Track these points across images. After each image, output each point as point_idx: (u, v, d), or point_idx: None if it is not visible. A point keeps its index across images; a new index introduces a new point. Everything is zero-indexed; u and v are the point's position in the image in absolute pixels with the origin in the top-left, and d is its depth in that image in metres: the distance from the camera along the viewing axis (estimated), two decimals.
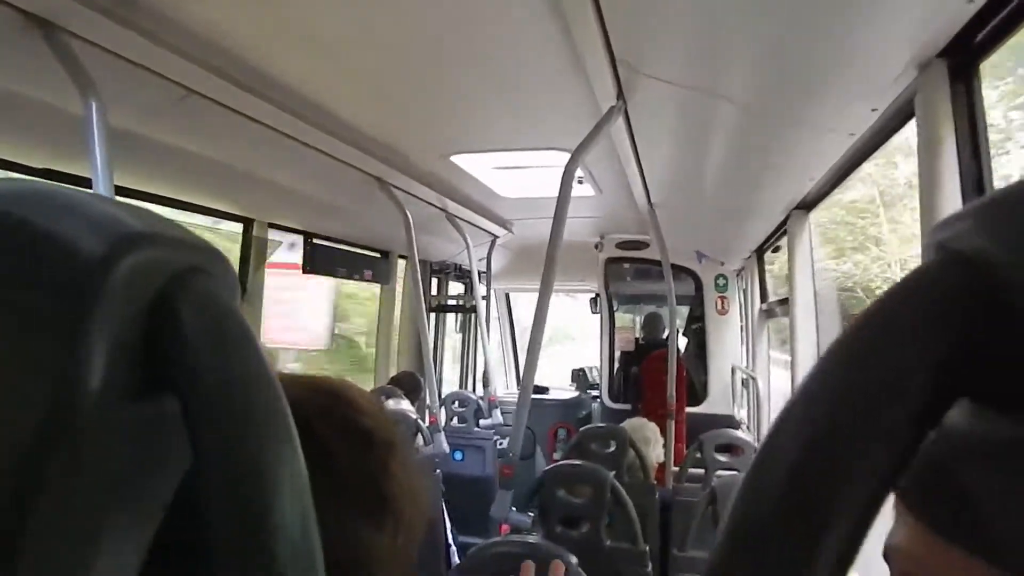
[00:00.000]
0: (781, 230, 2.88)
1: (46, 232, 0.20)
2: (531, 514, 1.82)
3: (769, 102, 1.54)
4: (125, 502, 0.21)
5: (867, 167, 1.98)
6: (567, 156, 1.83)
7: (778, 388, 3.46)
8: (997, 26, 0.99)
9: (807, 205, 2.46)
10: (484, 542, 1.26)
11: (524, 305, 6.08)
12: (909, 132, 1.45)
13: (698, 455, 2.84)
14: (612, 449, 2.53)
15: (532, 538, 1.30)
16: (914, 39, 1.09)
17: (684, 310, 4.56)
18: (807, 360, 2.65)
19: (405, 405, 3.10)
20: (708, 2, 1.21)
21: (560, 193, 1.81)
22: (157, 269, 0.21)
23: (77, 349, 0.19)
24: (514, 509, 1.76)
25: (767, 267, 3.64)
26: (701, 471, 2.67)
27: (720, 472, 2.52)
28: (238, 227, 2.66)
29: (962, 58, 1.09)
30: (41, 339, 0.19)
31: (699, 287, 4.44)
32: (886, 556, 0.47)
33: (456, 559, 2.78)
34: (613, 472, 1.97)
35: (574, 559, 1.22)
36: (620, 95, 1.73)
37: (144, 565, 0.23)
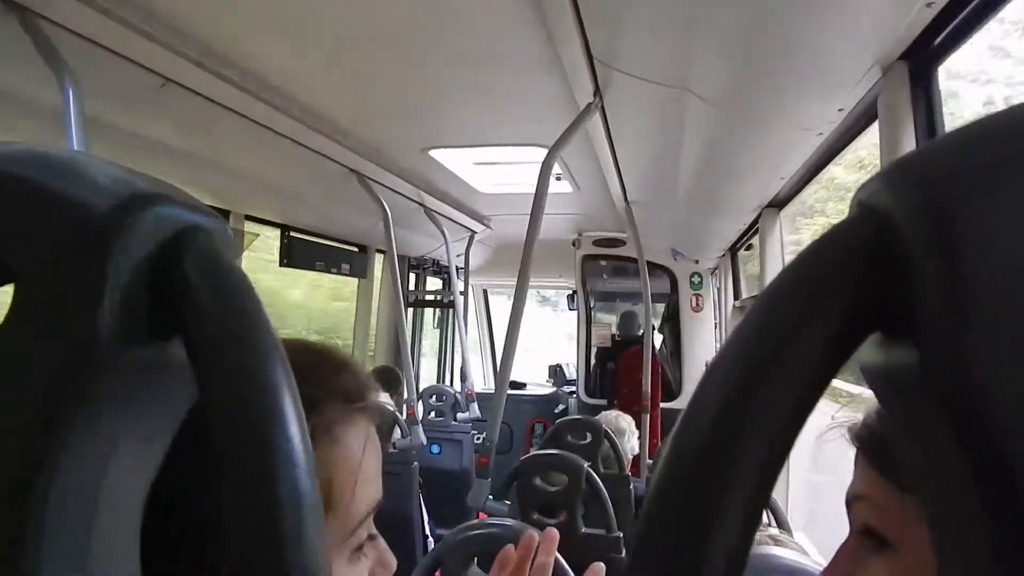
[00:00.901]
0: (754, 228, 2.94)
1: (55, 191, 0.22)
2: (508, 503, 1.84)
3: (740, 100, 1.58)
4: (135, 434, 0.23)
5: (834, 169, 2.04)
6: (545, 152, 1.86)
7: None
8: (955, 29, 1.04)
9: (778, 203, 2.51)
10: (460, 526, 1.29)
11: (502, 305, 6.10)
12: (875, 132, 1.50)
13: None
14: (587, 440, 2.57)
15: (509, 521, 1.32)
16: (877, 41, 1.13)
17: (660, 307, 4.61)
18: None
19: (384, 399, 3.10)
20: (681, 4, 1.24)
21: (537, 189, 1.83)
22: (161, 226, 0.23)
23: (90, 299, 0.21)
24: (491, 498, 1.79)
25: (745, 265, 3.71)
26: None
27: None
28: None
29: (922, 60, 1.14)
30: (56, 291, 0.21)
31: (674, 285, 4.50)
32: (848, 506, 0.50)
33: None
34: (589, 463, 2.00)
35: None
36: (597, 92, 1.76)
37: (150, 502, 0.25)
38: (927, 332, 0.17)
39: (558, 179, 3.03)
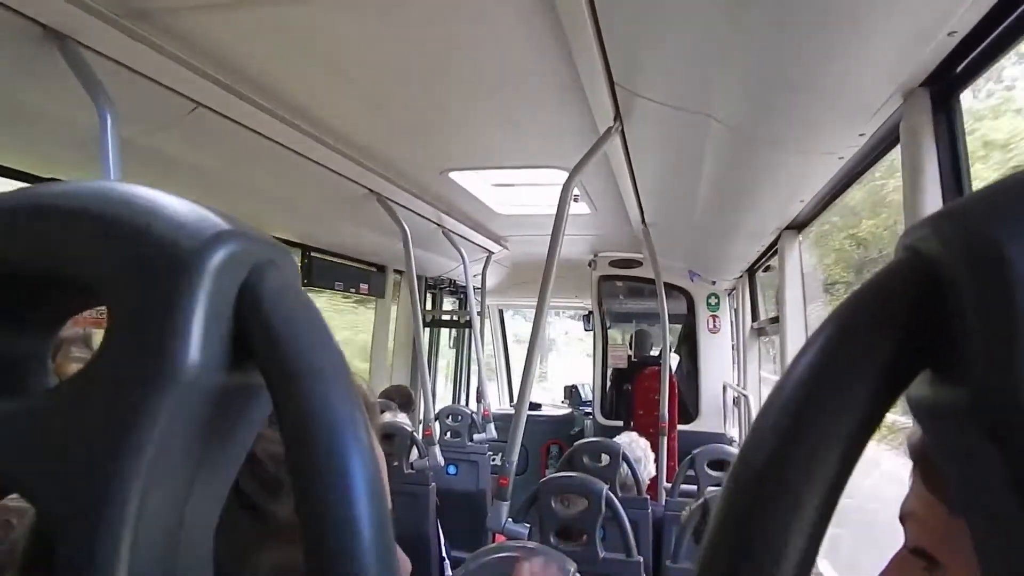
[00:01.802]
0: (772, 250, 2.93)
1: (143, 227, 0.24)
2: (527, 525, 1.83)
3: (760, 126, 1.59)
4: (214, 458, 0.25)
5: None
6: (563, 174, 1.87)
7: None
8: (977, 57, 1.04)
9: (798, 225, 2.51)
10: (482, 548, 1.28)
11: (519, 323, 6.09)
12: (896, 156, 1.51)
13: (690, 471, 2.86)
14: (605, 464, 2.55)
15: (530, 544, 1.32)
16: (899, 69, 1.14)
17: (676, 328, 4.59)
18: None
19: (402, 418, 3.11)
20: (704, 30, 1.25)
21: (557, 211, 1.85)
22: (241, 261, 0.25)
23: (177, 330, 0.23)
24: (510, 520, 1.78)
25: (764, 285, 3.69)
26: (693, 487, 2.69)
27: (711, 488, 2.55)
28: None
29: (944, 87, 1.14)
30: (145, 323, 0.23)
31: (691, 306, 4.48)
32: (902, 520, 0.50)
33: (449, 573, 2.77)
34: (607, 486, 1.99)
35: (573, 565, 1.24)
36: (617, 116, 1.78)
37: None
38: (976, 369, 0.18)
39: (576, 200, 3.04)
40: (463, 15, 1.37)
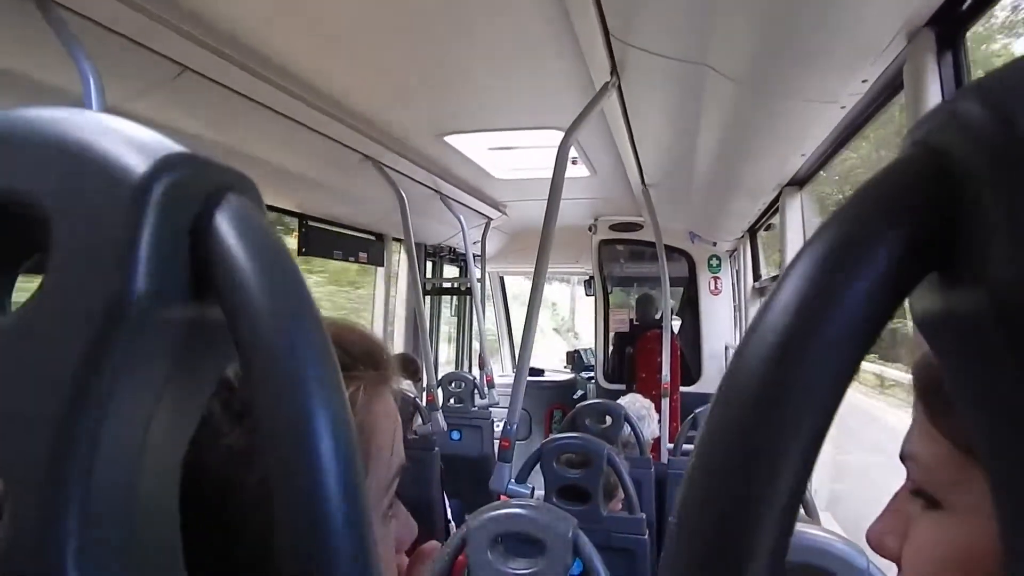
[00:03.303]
0: (773, 208, 2.91)
1: (94, 148, 0.22)
2: (530, 486, 1.85)
3: (760, 74, 1.55)
4: (175, 391, 0.23)
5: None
6: (561, 135, 1.84)
7: None
8: None
9: (799, 182, 2.48)
10: (483, 507, 1.29)
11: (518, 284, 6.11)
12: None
13: (692, 431, 2.88)
14: (607, 424, 2.56)
15: (532, 502, 1.33)
16: (902, 8, 1.10)
17: (678, 291, 4.59)
18: None
19: (406, 385, 3.12)
20: None
21: (555, 172, 1.82)
22: (195, 186, 0.23)
23: (126, 256, 0.21)
24: (513, 481, 1.80)
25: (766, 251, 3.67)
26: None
27: None
28: None
29: (949, 26, 1.11)
30: (92, 246, 0.21)
31: (692, 268, 4.47)
32: (903, 459, 0.49)
33: None
34: (609, 446, 2.00)
35: (574, 520, 1.25)
36: (614, 70, 1.74)
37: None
38: (998, 268, 0.16)
39: (574, 163, 3.01)
40: None
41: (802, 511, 1.66)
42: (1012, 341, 0.16)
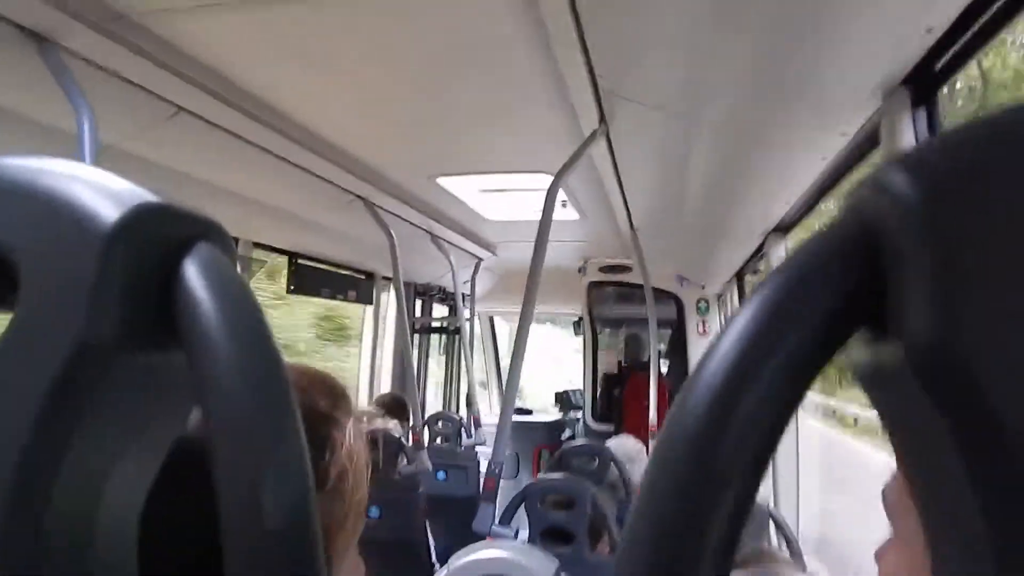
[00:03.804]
0: (760, 253, 2.94)
1: (64, 196, 0.23)
2: (515, 527, 1.82)
3: (744, 126, 1.59)
4: (138, 439, 0.24)
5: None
6: (551, 179, 1.87)
7: None
8: (955, 54, 1.05)
9: (783, 228, 2.52)
10: (464, 548, 1.27)
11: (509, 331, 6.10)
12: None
13: None
14: (595, 466, 2.54)
15: (515, 543, 1.31)
16: (878, 67, 1.15)
17: (667, 333, 4.60)
18: None
19: (391, 425, 3.09)
20: (687, 32, 1.26)
21: (543, 215, 1.84)
22: (165, 235, 0.24)
23: (93, 302, 0.22)
24: (496, 523, 1.77)
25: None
26: None
27: None
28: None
29: (923, 85, 1.15)
30: (60, 292, 0.22)
31: (681, 310, 4.49)
32: (883, 495, 0.49)
33: None
34: (596, 488, 1.98)
35: (556, 563, 1.23)
36: (602, 119, 1.78)
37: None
38: (910, 321, 0.18)
39: (564, 206, 3.04)
40: (449, 20, 1.37)
41: (788, 554, 1.63)
42: (928, 392, 0.17)
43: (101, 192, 0.23)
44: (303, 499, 0.22)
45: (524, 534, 1.95)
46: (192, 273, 0.24)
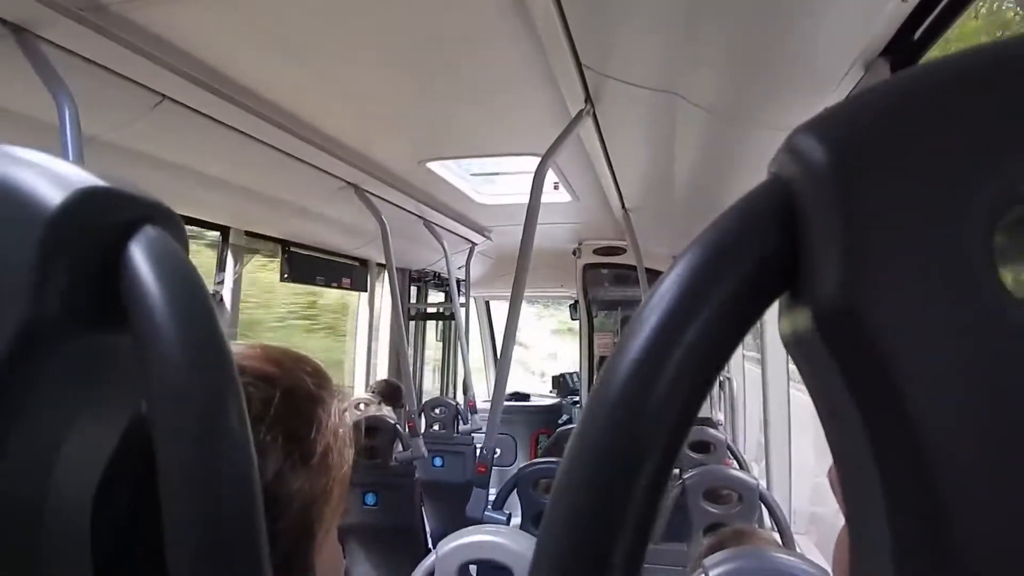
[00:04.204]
0: None
1: (7, 180, 0.23)
2: (508, 512, 1.84)
3: (727, 103, 1.59)
4: (88, 417, 0.24)
5: None
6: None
7: (753, 383, 3.51)
8: (932, 24, 1.05)
9: None
10: (453, 533, 1.29)
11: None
12: None
13: None
14: None
15: (504, 528, 1.32)
16: (858, 38, 1.14)
17: None
18: (776, 355, 2.71)
19: (385, 411, 3.11)
20: (667, 10, 1.26)
21: (531, 197, 1.84)
22: (111, 218, 0.24)
23: (36, 284, 0.22)
24: (490, 507, 1.79)
25: None
26: (676, 470, 2.70)
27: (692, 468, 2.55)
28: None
29: (903, 56, 1.15)
30: (6, 275, 0.22)
31: None
32: (828, 476, 0.50)
33: None
34: None
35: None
36: (588, 99, 1.78)
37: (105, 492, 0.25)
38: (816, 286, 0.18)
39: (556, 188, 3.04)
40: (433, 5, 1.37)
41: (778, 536, 1.65)
42: (835, 357, 0.17)
43: (46, 176, 0.24)
44: (246, 475, 0.22)
45: (517, 520, 1.97)
46: (137, 255, 0.24)
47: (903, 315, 0.17)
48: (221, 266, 2.67)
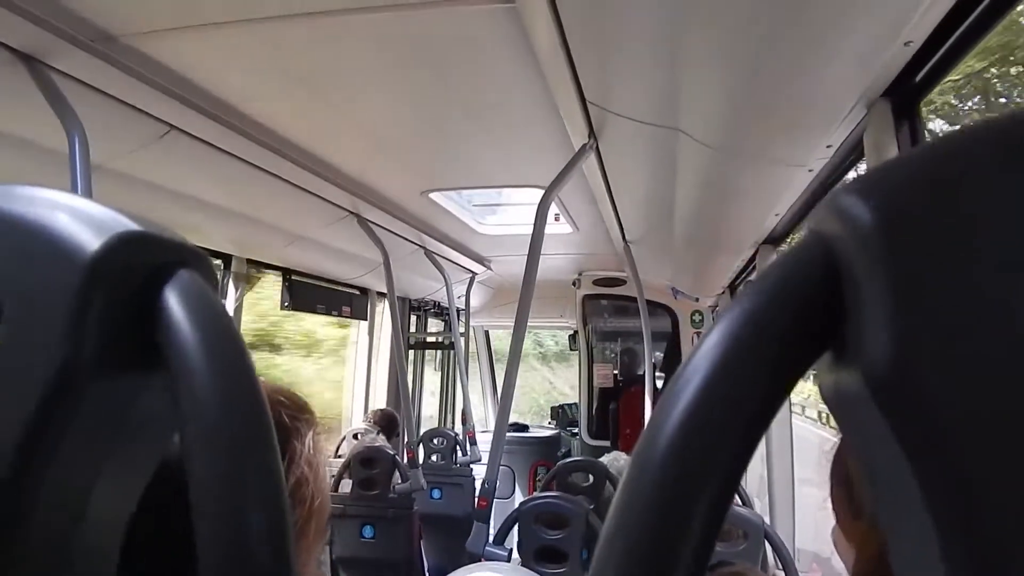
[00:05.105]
0: (752, 264, 2.95)
1: (44, 225, 0.23)
2: (509, 548, 1.81)
3: (730, 139, 1.61)
4: (120, 458, 0.24)
5: None
6: (543, 193, 1.88)
7: None
8: (934, 67, 1.07)
9: (774, 240, 2.53)
10: (456, 571, 1.26)
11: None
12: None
13: None
14: (590, 482, 2.53)
15: (507, 566, 1.30)
16: (860, 79, 1.16)
17: (663, 345, 4.60)
18: None
19: (381, 441, 3.08)
20: (670, 49, 1.27)
21: (534, 229, 1.85)
22: (146, 263, 0.24)
23: (74, 327, 0.22)
24: (491, 542, 1.76)
25: None
26: None
27: None
28: None
29: (904, 97, 1.16)
30: (42, 319, 0.22)
31: (675, 323, 4.49)
32: (833, 541, 0.50)
33: None
34: (592, 506, 1.97)
35: None
36: (591, 133, 1.80)
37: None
38: (866, 346, 0.18)
39: (557, 219, 3.06)
40: (437, 37, 1.39)
41: (783, 572, 1.62)
42: (886, 417, 0.17)
43: (82, 220, 0.24)
44: (280, 520, 0.22)
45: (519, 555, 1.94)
46: (173, 300, 0.24)
47: (954, 375, 0.17)
48: (222, 294, 2.66)
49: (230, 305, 2.66)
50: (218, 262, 2.67)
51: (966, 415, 0.16)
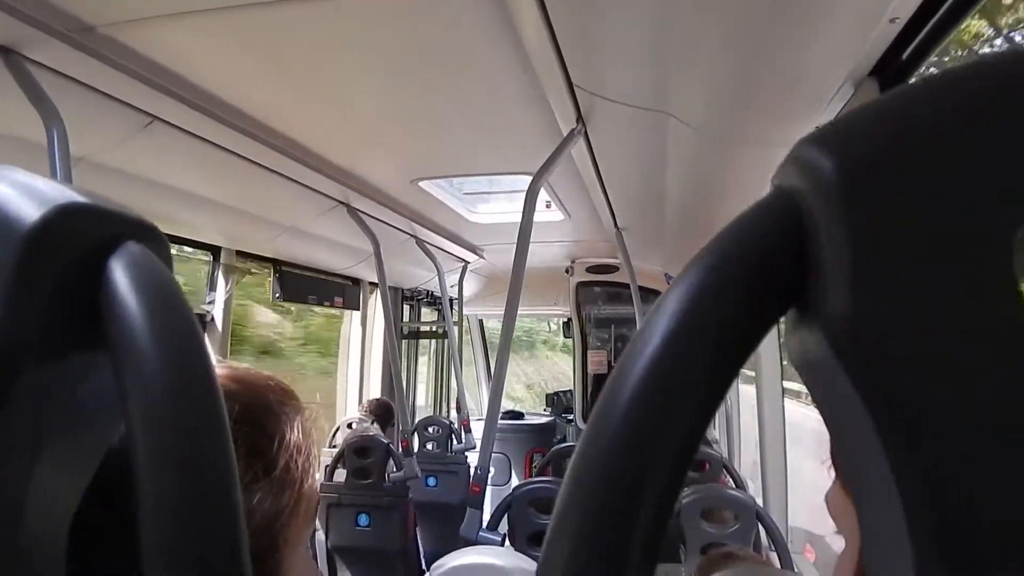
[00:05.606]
0: None
1: None
2: (502, 532, 1.82)
3: (718, 122, 1.60)
4: (62, 442, 0.23)
5: None
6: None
7: (747, 399, 3.50)
8: (920, 43, 1.06)
9: None
10: (447, 555, 1.27)
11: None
12: None
13: None
14: None
15: (499, 550, 1.30)
16: (847, 58, 1.15)
17: None
18: (771, 371, 2.70)
19: (375, 430, 3.08)
20: (657, 31, 1.26)
21: (523, 216, 1.84)
22: (89, 235, 0.23)
23: (13, 305, 0.21)
24: (483, 529, 1.76)
25: None
26: None
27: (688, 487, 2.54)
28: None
29: (891, 75, 1.16)
30: None
31: None
32: (826, 500, 0.49)
33: None
34: None
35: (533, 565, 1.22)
36: (580, 118, 1.78)
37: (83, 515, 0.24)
38: (831, 300, 0.17)
39: (548, 207, 3.05)
40: (424, 26, 1.37)
41: (776, 556, 1.63)
42: (847, 372, 0.17)
43: (24, 192, 0.23)
44: (230, 502, 0.22)
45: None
46: (117, 272, 0.23)
47: (916, 326, 0.16)
48: (212, 286, 2.65)
49: (220, 297, 2.65)
50: (207, 254, 2.65)
51: (928, 370, 0.16)
